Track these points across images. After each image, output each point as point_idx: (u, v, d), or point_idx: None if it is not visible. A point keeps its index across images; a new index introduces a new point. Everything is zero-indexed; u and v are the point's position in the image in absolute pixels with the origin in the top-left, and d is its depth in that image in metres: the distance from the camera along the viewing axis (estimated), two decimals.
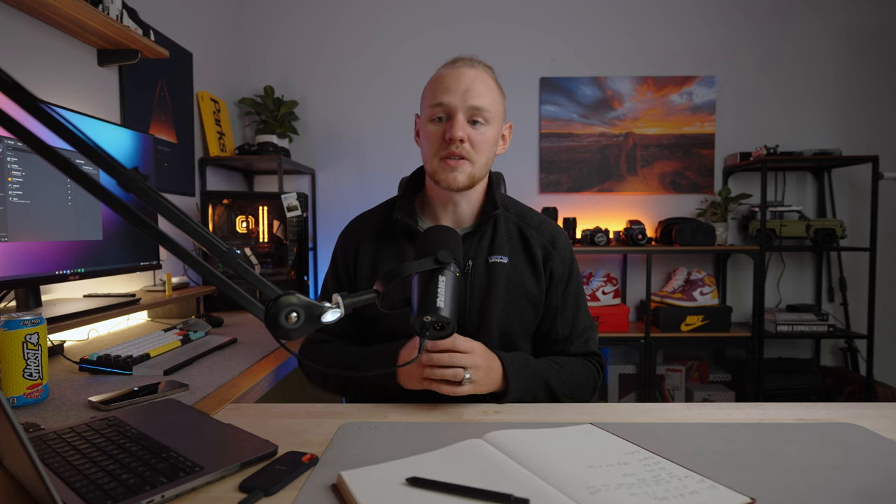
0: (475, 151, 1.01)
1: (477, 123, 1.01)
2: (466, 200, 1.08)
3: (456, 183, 1.01)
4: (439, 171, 1.02)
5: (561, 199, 3.05)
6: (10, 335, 0.92)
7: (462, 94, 0.99)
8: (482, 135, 1.01)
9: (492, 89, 1.03)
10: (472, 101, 0.99)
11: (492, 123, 1.02)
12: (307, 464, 0.68)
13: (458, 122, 0.99)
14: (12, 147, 1.20)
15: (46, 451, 0.70)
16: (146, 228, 0.57)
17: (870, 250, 2.72)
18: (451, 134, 0.98)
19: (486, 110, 1.00)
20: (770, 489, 0.62)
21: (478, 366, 0.89)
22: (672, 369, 2.95)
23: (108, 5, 1.66)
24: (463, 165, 1.00)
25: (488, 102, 1.00)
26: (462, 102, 0.99)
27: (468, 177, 1.02)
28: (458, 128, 0.98)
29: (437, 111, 1.01)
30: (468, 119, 1.00)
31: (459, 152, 0.99)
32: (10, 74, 0.49)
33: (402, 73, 3.03)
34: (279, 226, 2.35)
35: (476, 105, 0.99)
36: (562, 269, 1.09)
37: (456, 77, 1.00)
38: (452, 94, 0.99)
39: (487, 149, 1.03)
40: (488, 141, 1.02)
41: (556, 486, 0.61)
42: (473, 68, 1.03)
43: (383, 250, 1.09)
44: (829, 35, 3.00)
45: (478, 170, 1.03)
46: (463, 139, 0.99)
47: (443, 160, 1.01)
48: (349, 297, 0.70)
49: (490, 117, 1.01)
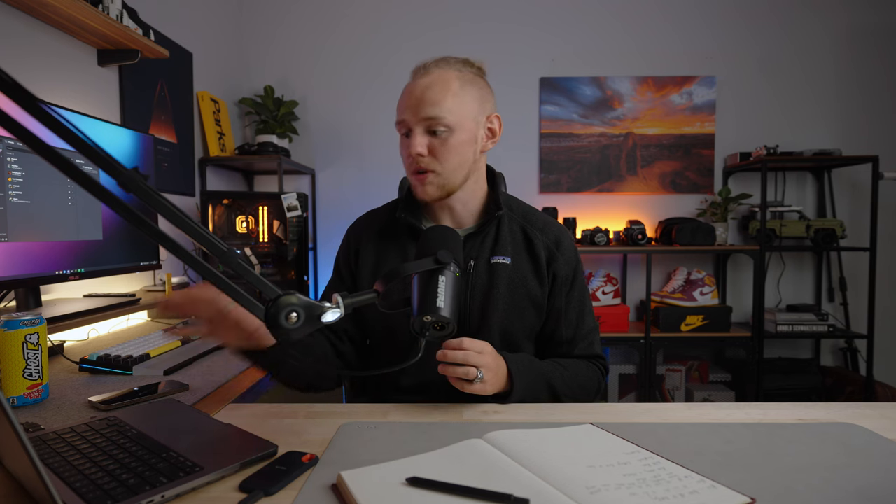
0: (438, 161, 1.00)
1: (438, 132, 0.99)
2: (460, 204, 1.07)
3: (427, 195, 1.03)
4: (414, 184, 1.04)
5: (561, 199, 3.05)
6: (10, 335, 0.92)
7: (414, 108, 0.99)
8: (444, 142, 0.99)
9: (450, 91, 0.99)
10: (424, 112, 0.98)
11: (455, 128, 0.99)
12: (307, 464, 0.68)
13: (415, 138, 0.99)
14: (12, 147, 1.20)
15: (46, 451, 0.70)
16: (146, 228, 0.57)
17: (870, 250, 2.72)
18: (408, 151, 1.00)
19: (441, 117, 0.98)
20: (770, 489, 0.62)
21: (489, 366, 0.89)
22: (672, 369, 2.95)
23: (108, 5, 1.66)
24: (429, 178, 1.01)
25: (445, 108, 0.98)
26: (414, 117, 0.99)
27: (438, 188, 1.02)
28: (415, 144, 0.99)
29: (400, 128, 1.03)
30: (427, 129, 0.99)
31: (420, 166, 1.00)
32: (10, 74, 0.49)
33: (403, 73, 2.98)
34: (279, 226, 2.35)
35: (429, 115, 0.98)
36: (566, 270, 1.08)
37: (409, 91, 1.01)
38: (406, 110, 1.00)
39: (454, 156, 1.00)
40: (453, 147, 1.00)
41: (556, 486, 0.61)
42: (428, 75, 1.01)
43: (386, 249, 1.09)
44: (828, 35, 3.00)
45: (447, 178, 1.02)
46: (421, 153, 0.99)
47: (413, 175, 1.03)
48: (349, 296, 0.70)
49: (451, 122, 0.98)
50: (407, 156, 1.02)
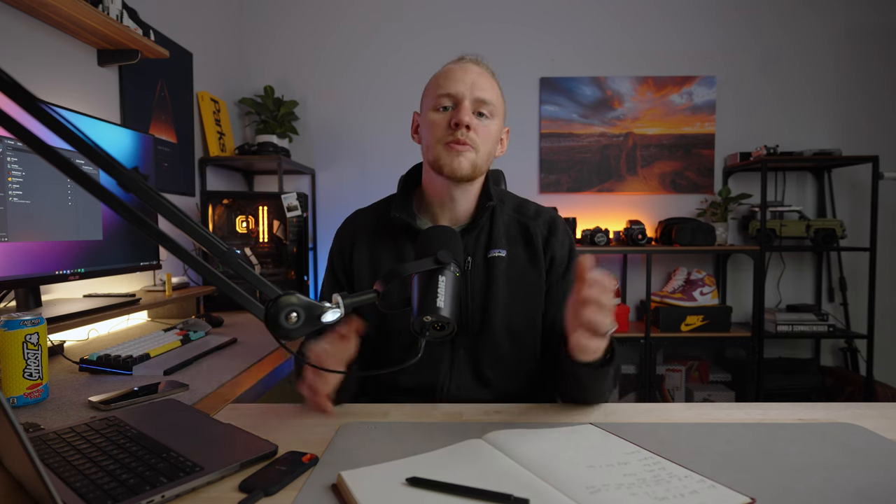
0: (480, 141, 1.01)
1: (482, 116, 1.02)
2: (465, 195, 1.07)
3: (460, 168, 1.00)
4: (443, 156, 1.00)
5: (561, 199, 3.05)
6: (10, 335, 0.92)
7: (470, 86, 1.01)
8: (486, 127, 1.02)
9: (495, 88, 1.05)
10: (478, 93, 1.01)
11: (495, 118, 1.04)
12: (307, 464, 0.68)
13: (466, 108, 1.00)
14: (12, 147, 1.20)
15: (46, 451, 0.70)
16: (146, 228, 0.57)
17: (870, 250, 2.72)
18: (458, 118, 0.99)
19: (491, 104, 1.02)
20: (770, 489, 0.62)
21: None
22: (672, 369, 2.95)
23: (108, 5, 1.66)
24: (467, 151, 1.00)
25: (493, 97, 1.03)
26: (470, 93, 1.00)
27: (471, 164, 1.01)
28: (466, 113, 0.99)
29: (443, 101, 1.02)
30: (474, 111, 1.01)
31: (465, 139, 0.99)
32: (10, 74, 0.49)
33: (403, 73, 3.03)
34: (279, 226, 2.35)
35: (482, 98, 1.01)
36: (562, 252, 1.09)
37: (463, 70, 1.03)
38: (460, 84, 1.01)
39: (491, 142, 1.04)
40: (492, 134, 1.03)
41: (556, 486, 0.61)
42: (479, 65, 1.05)
43: (381, 248, 1.09)
44: (828, 35, 3.00)
45: (481, 160, 1.03)
46: (469, 126, 0.99)
47: (448, 144, 1.00)
48: (349, 296, 0.70)
49: (494, 112, 1.03)
50: (446, 126, 1.01)
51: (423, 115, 1.05)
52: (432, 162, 1.03)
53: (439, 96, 1.02)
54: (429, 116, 1.03)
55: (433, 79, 1.06)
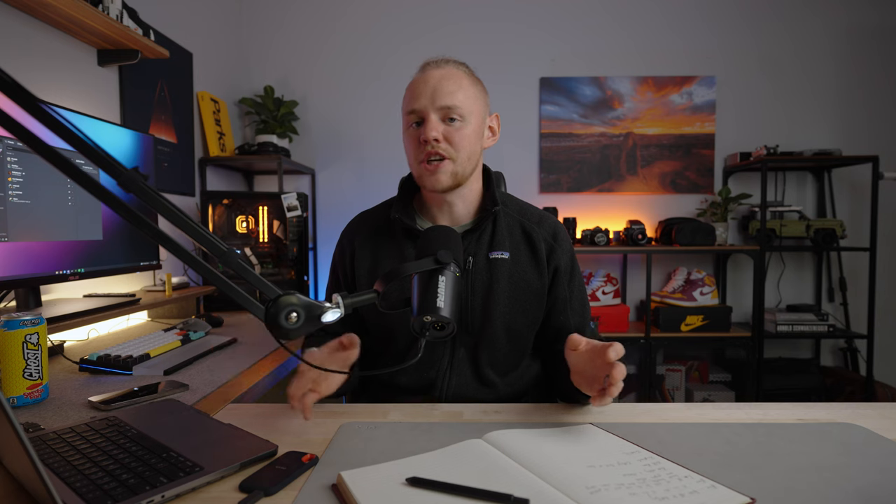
0: (454, 148, 1.01)
1: (452, 121, 1.01)
2: (461, 200, 1.08)
3: (440, 184, 1.02)
4: (423, 175, 1.03)
5: (561, 199, 3.05)
6: (10, 335, 0.92)
7: (430, 96, 1.00)
8: (459, 131, 1.01)
9: (462, 85, 1.02)
10: (440, 101, 1.00)
11: (468, 119, 1.02)
12: (307, 464, 0.68)
13: (431, 123, 1.00)
14: (12, 147, 1.20)
15: (46, 451, 0.70)
16: (146, 228, 0.57)
17: (870, 250, 2.72)
18: (424, 136, 1.00)
19: (457, 107, 1.00)
20: (770, 489, 0.62)
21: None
22: (672, 369, 2.95)
23: (108, 5, 1.66)
24: (443, 166, 1.01)
25: (459, 99, 1.01)
26: (431, 104, 1.00)
27: (451, 175, 1.02)
28: (431, 128, 0.99)
29: (411, 118, 1.03)
30: (442, 119, 1.01)
31: (436, 151, 1.00)
32: (10, 74, 0.49)
33: (403, 73, 3.00)
34: (279, 226, 2.35)
35: (446, 104, 1.00)
36: (565, 261, 1.10)
37: (423, 81, 1.02)
38: (421, 99, 1.01)
39: (467, 144, 1.03)
40: (467, 137, 1.02)
41: (556, 486, 0.61)
42: (440, 68, 1.04)
43: (382, 249, 1.09)
44: (829, 35, 3.00)
45: (460, 166, 1.02)
46: (437, 138, 0.99)
47: (422, 164, 1.02)
48: (349, 296, 0.70)
49: (464, 113, 1.01)
50: (417, 144, 1.02)
51: (403, 132, 1.07)
52: (417, 179, 1.06)
53: (407, 114, 1.03)
54: (405, 135, 1.05)
55: (405, 92, 1.06)
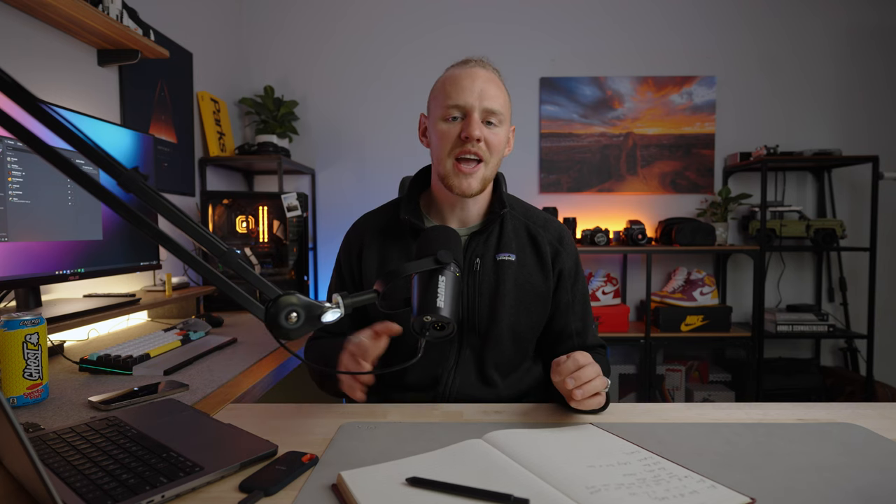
0: (489, 152, 1.01)
1: (491, 125, 1.01)
2: (474, 202, 1.08)
3: (471, 189, 1.02)
4: (452, 176, 1.02)
5: (561, 199, 3.05)
6: (10, 335, 0.92)
7: (478, 95, 1.00)
8: (496, 136, 1.02)
9: (502, 91, 1.04)
10: (487, 102, 1.00)
11: (503, 125, 1.04)
12: (307, 464, 0.68)
13: (475, 121, 0.99)
14: (12, 147, 1.20)
15: (46, 451, 0.70)
16: (146, 228, 0.57)
17: (870, 250, 2.72)
18: (468, 132, 0.98)
19: (499, 112, 1.01)
20: (770, 489, 0.62)
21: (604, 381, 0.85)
22: (672, 369, 2.95)
23: (108, 5, 1.66)
24: (477, 171, 1.01)
25: (500, 104, 1.02)
26: (478, 103, 1.00)
27: (481, 181, 1.02)
28: (476, 126, 0.99)
29: (451, 111, 1.01)
30: (483, 120, 1.01)
31: (476, 151, 1.00)
32: (10, 74, 0.49)
33: (403, 73, 3.03)
34: (279, 226, 2.35)
35: (490, 107, 1.00)
36: (570, 265, 1.10)
37: (470, 77, 1.01)
38: (468, 95, 1.00)
39: (500, 149, 1.04)
40: (501, 142, 1.03)
41: (556, 486, 0.61)
42: (485, 69, 1.04)
43: (390, 249, 1.09)
44: (829, 35, 3.00)
45: (489, 171, 1.03)
46: (480, 138, 0.99)
47: (457, 164, 1.01)
48: (349, 296, 0.70)
49: (502, 119, 1.03)
50: (456, 138, 1.00)
51: (432, 123, 1.05)
52: (442, 177, 1.04)
53: (448, 107, 1.01)
54: (438, 126, 1.03)
55: (440, 84, 1.05)
